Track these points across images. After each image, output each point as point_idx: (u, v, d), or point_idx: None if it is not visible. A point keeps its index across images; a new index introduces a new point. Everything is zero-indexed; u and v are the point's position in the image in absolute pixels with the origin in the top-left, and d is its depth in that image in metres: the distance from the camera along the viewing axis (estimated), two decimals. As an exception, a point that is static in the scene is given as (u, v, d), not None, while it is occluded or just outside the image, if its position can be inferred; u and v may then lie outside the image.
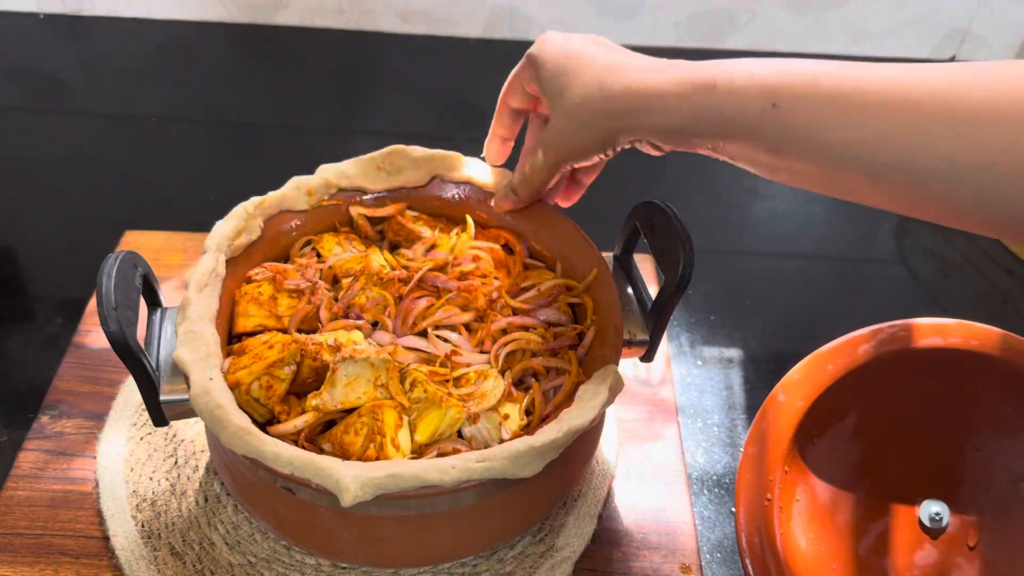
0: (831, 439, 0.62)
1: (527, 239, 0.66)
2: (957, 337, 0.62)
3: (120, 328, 0.49)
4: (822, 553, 0.60)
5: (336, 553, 0.56)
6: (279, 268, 0.62)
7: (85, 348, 0.74)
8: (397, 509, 0.52)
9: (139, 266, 0.55)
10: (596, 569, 0.62)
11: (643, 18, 1.18)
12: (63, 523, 0.62)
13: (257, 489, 0.55)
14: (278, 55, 1.19)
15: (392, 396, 0.54)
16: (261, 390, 0.54)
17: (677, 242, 0.56)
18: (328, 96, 1.12)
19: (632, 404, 0.73)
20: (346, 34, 1.20)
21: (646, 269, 0.82)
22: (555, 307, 0.61)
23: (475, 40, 1.20)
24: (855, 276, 0.92)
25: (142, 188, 0.96)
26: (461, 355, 0.57)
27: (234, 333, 0.60)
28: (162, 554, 0.60)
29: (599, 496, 0.66)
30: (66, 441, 0.67)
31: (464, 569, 0.61)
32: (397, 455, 0.51)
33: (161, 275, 0.77)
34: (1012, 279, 0.90)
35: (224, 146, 1.03)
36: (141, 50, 1.17)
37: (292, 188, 0.64)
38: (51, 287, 0.83)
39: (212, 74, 1.15)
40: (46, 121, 1.05)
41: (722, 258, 0.91)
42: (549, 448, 0.49)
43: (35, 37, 1.17)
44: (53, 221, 0.91)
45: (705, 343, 0.81)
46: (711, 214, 0.97)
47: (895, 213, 0.52)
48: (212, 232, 0.60)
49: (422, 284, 0.61)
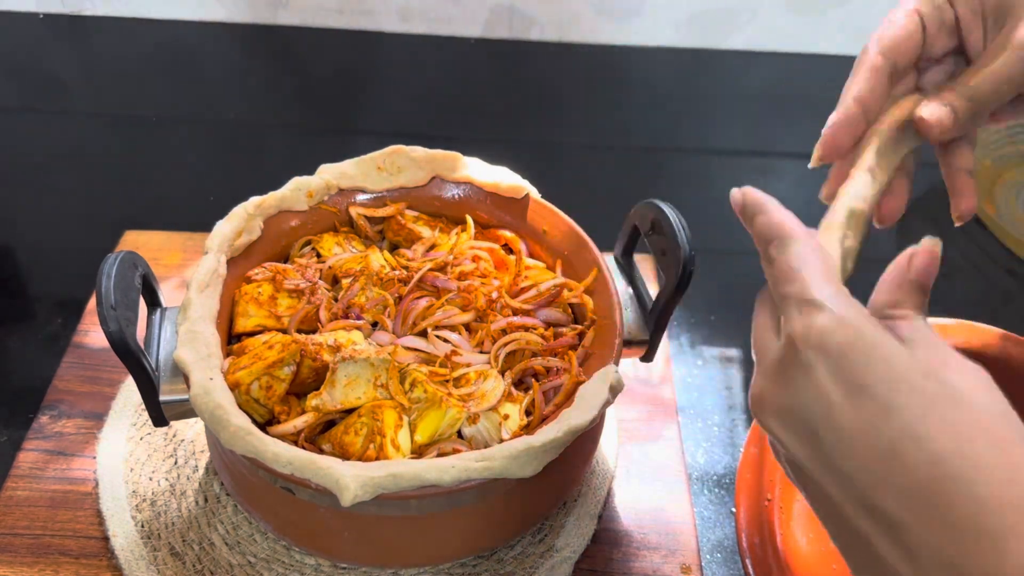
0: (831, 439, 0.62)
1: (527, 239, 0.66)
2: (957, 337, 0.62)
3: (119, 328, 0.49)
4: (822, 553, 0.60)
5: (336, 553, 0.56)
6: (279, 268, 0.62)
7: (85, 348, 0.74)
8: (397, 509, 0.52)
9: (139, 266, 0.55)
10: (596, 569, 0.62)
11: (643, 18, 1.17)
12: (63, 523, 0.62)
13: (257, 489, 0.55)
14: (278, 55, 1.19)
15: (392, 396, 0.54)
16: (261, 390, 0.54)
17: (677, 242, 0.56)
18: (328, 96, 1.12)
19: (632, 404, 0.73)
20: (346, 34, 1.20)
21: (646, 269, 0.82)
22: (555, 307, 0.61)
23: (475, 40, 1.20)
24: (855, 276, 0.92)
25: (142, 188, 0.96)
26: (461, 355, 0.57)
27: (234, 333, 0.59)
28: (162, 554, 0.60)
29: (599, 496, 0.65)
30: (66, 441, 0.67)
31: (464, 569, 0.61)
32: (397, 455, 0.51)
33: (161, 275, 0.77)
34: (1012, 279, 0.90)
35: (224, 146, 1.03)
36: (141, 50, 1.16)
37: (292, 188, 0.64)
38: (51, 287, 0.83)
39: (212, 74, 1.15)
40: (46, 121, 1.05)
41: (722, 258, 0.91)
42: (549, 448, 0.49)
43: (35, 37, 1.17)
44: (53, 221, 0.91)
45: (705, 343, 0.81)
46: (711, 214, 0.97)
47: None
48: (213, 233, 0.60)
49: (422, 284, 0.61)
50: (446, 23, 1.19)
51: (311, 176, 0.66)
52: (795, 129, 1.07)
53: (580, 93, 1.14)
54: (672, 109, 1.13)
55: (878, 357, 0.32)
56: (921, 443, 0.29)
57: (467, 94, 1.14)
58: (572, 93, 1.14)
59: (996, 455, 0.29)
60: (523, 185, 0.66)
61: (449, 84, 1.15)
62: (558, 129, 1.08)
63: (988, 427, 0.30)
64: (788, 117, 1.09)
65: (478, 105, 1.12)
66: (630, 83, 1.16)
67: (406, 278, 0.61)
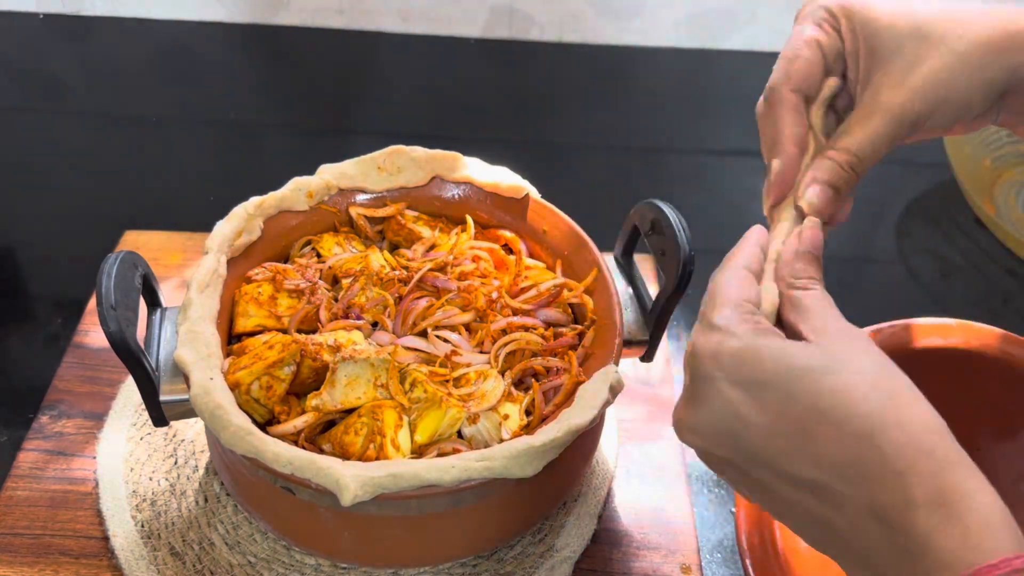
0: (831, 439, 0.62)
1: (527, 239, 0.66)
2: (957, 337, 0.62)
3: (120, 328, 0.49)
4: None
5: (336, 553, 0.56)
6: (279, 268, 0.62)
7: (85, 348, 0.74)
8: (397, 509, 0.52)
9: (139, 266, 0.55)
10: (596, 569, 0.62)
11: (643, 18, 1.17)
12: (63, 523, 0.62)
13: (257, 489, 0.55)
14: (278, 55, 1.19)
15: (392, 396, 0.54)
16: (261, 390, 0.54)
17: (677, 242, 0.56)
18: (328, 96, 1.12)
19: (632, 404, 0.73)
20: (346, 34, 1.20)
21: (646, 269, 0.82)
22: (555, 307, 0.61)
23: (475, 40, 1.20)
24: (855, 276, 0.92)
25: (142, 188, 0.96)
26: (461, 355, 0.57)
27: (234, 333, 0.60)
28: (162, 554, 0.60)
29: (599, 496, 0.65)
30: (66, 441, 0.67)
31: (464, 569, 0.61)
32: (397, 455, 0.51)
33: (161, 275, 0.77)
34: (1012, 279, 0.90)
35: (224, 146, 1.03)
36: (141, 50, 1.16)
37: (292, 189, 0.64)
38: (51, 287, 0.83)
39: (212, 74, 1.15)
40: (46, 121, 1.05)
41: (722, 258, 0.91)
42: (549, 448, 0.49)
43: (35, 37, 1.17)
44: (53, 221, 0.91)
45: (705, 343, 0.81)
46: (711, 214, 0.97)
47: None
48: (213, 233, 0.60)
49: (422, 284, 0.61)
50: (446, 23, 1.19)
51: (311, 176, 0.66)
52: (795, 129, 1.07)
53: (580, 93, 1.14)
54: (672, 109, 1.13)
55: (768, 356, 0.37)
56: (823, 416, 0.34)
57: (467, 94, 1.14)
58: (572, 93, 1.14)
59: (885, 408, 0.35)
60: (523, 185, 0.66)
61: (449, 84, 1.16)
62: (558, 129, 1.08)
63: (875, 385, 0.36)
64: (788, 117, 1.09)
65: (478, 105, 1.12)
66: (630, 83, 1.16)
67: (406, 278, 0.61)
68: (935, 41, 0.42)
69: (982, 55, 0.42)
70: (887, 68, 0.42)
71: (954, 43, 0.42)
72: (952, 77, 0.42)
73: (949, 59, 0.42)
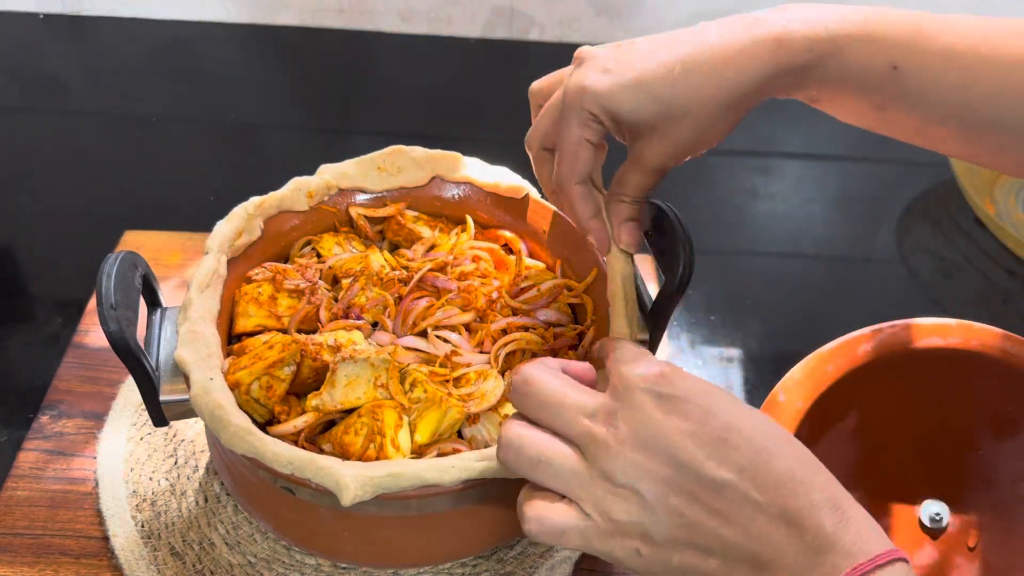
0: (831, 439, 0.62)
1: (527, 239, 0.66)
2: (957, 337, 0.62)
3: (120, 328, 0.49)
4: (822, 553, 0.60)
5: (336, 553, 0.56)
6: (279, 268, 0.62)
7: (85, 348, 0.74)
8: (397, 509, 0.52)
9: (139, 266, 0.55)
10: (596, 569, 0.62)
11: (643, 18, 1.18)
12: (63, 523, 0.62)
13: (257, 489, 0.55)
14: (278, 55, 1.19)
15: (392, 396, 0.54)
16: (261, 390, 0.54)
17: (677, 242, 0.55)
18: (328, 96, 1.12)
19: (632, 404, 0.73)
20: (346, 34, 1.20)
21: (646, 269, 0.82)
22: (555, 307, 0.61)
23: (475, 40, 1.20)
24: (855, 276, 0.92)
25: (142, 188, 0.96)
26: (461, 355, 0.57)
27: (234, 333, 0.60)
28: (162, 554, 0.60)
29: (599, 496, 0.65)
30: (66, 441, 0.67)
31: (464, 569, 0.61)
32: (397, 455, 0.51)
33: (161, 275, 0.77)
34: (1012, 279, 0.90)
35: (224, 146, 1.03)
36: (141, 50, 1.17)
37: (292, 189, 0.64)
38: (51, 287, 0.83)
39: (212, 74, 1.15)
40: (46, 121, 1.05)
41: (722, 258, 0.91)
42: (549, 448, 0.49)
43: (35, 37, 1.17)
44: (53, 221, 0.91)
45: (705, 343, 0.81)
46: (711, 214, 0.97)
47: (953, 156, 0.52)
48: (213, 233, 0.60)
49: (422, 284, 0.61)
50: (446, 23, 1.19)
51: (311, 176, 0.66)
52: (795, 129, 1.07)
53: (580, 93, 1.14)
54: (672, 109, 1.13)
55: (685, 376, 0.42)
56: (739, 431, 0.39)
57: (467, 94, 1.14)
58: (572, 93, 1.14)
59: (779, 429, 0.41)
60: (523, 185, 0.66)
61: (449, 84, 1.16)
62: (558, 129, 1.08)
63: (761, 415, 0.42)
64: (788, 117, 1.09)
65: (478, 105, 1.12)
66: (630, 83, 1.16)
67: (406, 278, 0.61)
68: (679, 115, 0.49)
69: (725, 112, 0.49)
70: (646, 141, 0.51)
71: (696, 112, 0.49)
72: (699, 134, 0.50)
73: (694, 124, 0.50)
